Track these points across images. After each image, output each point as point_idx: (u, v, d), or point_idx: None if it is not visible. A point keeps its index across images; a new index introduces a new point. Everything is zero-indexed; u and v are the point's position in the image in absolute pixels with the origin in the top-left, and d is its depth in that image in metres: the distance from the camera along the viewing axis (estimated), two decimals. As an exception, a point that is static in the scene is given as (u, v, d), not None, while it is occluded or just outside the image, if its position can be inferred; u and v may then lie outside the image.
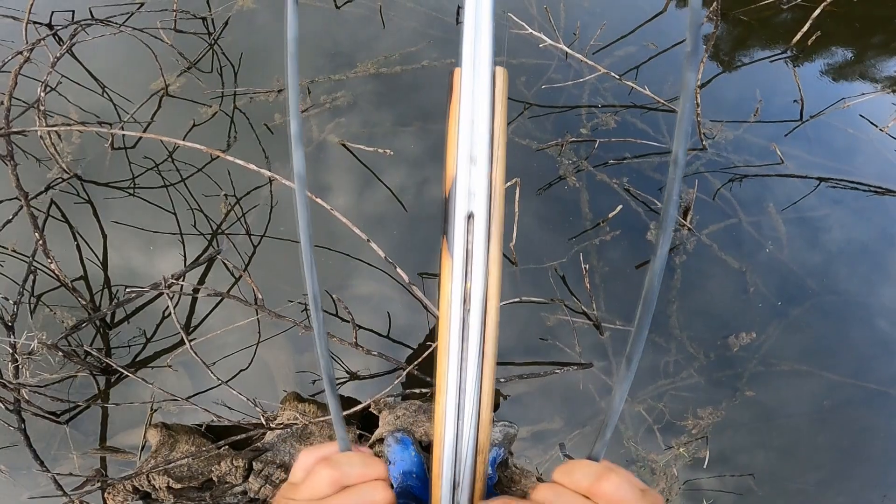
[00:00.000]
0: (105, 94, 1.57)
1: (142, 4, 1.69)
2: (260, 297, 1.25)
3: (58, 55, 1.40)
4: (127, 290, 1.31)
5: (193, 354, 1.11)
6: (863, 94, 1.59)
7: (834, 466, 1.27)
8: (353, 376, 1.29)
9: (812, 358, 1.34)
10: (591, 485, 0.32)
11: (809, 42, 1.65)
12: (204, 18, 1.67)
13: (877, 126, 1.57)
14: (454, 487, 0.32)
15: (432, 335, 1.33)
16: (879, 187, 1.53)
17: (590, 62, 1.47)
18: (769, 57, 1.70)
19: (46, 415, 1.12)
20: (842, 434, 1.29)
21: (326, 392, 0.35)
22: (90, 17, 1.60)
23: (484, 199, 0.30)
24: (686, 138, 0.30)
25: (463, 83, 0.30)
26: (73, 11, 1.62)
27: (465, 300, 0.30)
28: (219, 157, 1.24)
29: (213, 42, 1.64)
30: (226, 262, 1.33)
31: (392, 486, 1.05)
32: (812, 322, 1.37)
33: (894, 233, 1.50)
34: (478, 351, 0.31)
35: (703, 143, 1.49)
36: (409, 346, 1.32)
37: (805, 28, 1.60)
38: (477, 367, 0.31)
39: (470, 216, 0.30)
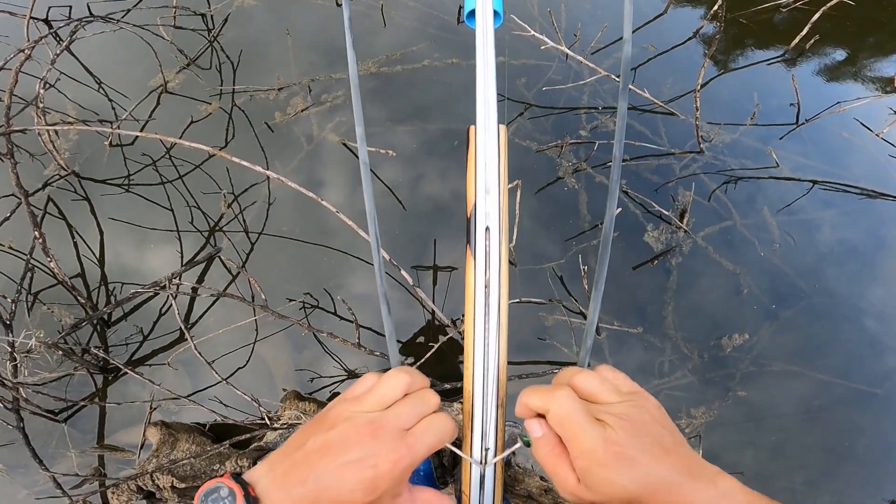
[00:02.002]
0: (102, 91, 1.55)
1: (140, 0, 1.68)
2: (263, 297, 1.25)
3: (57, 52, 1.39)
4: (125, 288, 1.30)
5: (197, 353, 1.11)
6: (858, 98, 1.60)
7: (821, 466, 1.29)
8: (351, 374, 1.29)
9: (802, 359, 1.36)
10: (569, 381, 0.40)
11: (808, 45, 1.66)
12: (203, 15, 1.66)
13: (872, 131, 1.59)
14: (483, 436, 0.43)
15: (430, 334, 1.33)
16: (872, 190, 1.54)
17: (590, 64, 1.47)
18: (767, 60, 1.71)
19: (45, 413, 1.12)
20: (830, 434, 1.31)
21: (383, 314, 0.50)
22: (89, 13, 1.58)
23: (496, 217, 0.44)
24: (622, 136, 0.46)
25: (478, 138, 0.46)
26: (70, 7, 1.61)
27: (487, 286, 0.43)
28: (217, 154, 1.24)
29: (212, 39, 1.63)
30: (224, 260, 1.33)
31: None
32: (803, 323, 1.39)
33: (885, 235, 1.51)
34: (496, 322, 0.43)
35: (701, 146, 1.50)
36: (407, 345, 1.33)
37: (804, 32, 1.61)
38: (496, 334, 0.43)
39: (487, 229, 0.44)
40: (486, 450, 0.43)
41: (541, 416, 0.40)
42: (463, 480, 0.43)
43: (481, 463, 0.43)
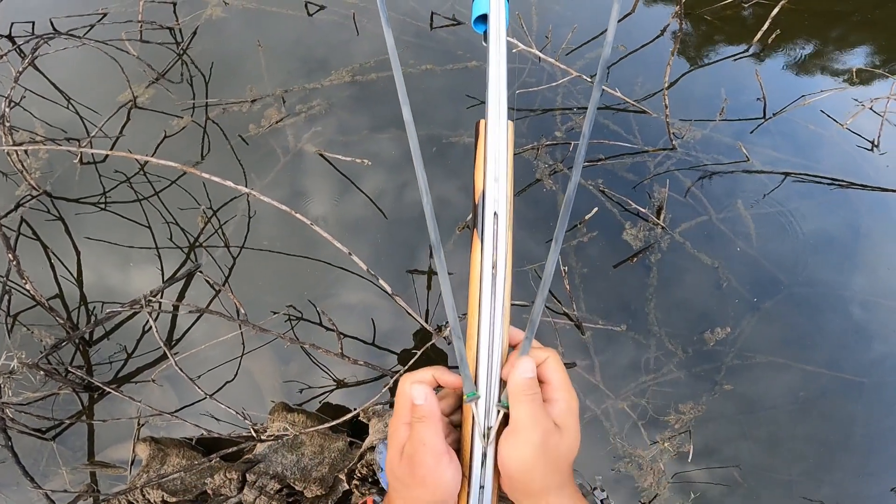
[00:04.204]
0: (71, 107, 1.63)
1: (104, 15, 1.76)
2: (243, 311, 1.33)
3: (20, 69, 1.46)
4: (105, 308, 1.38)
5: (178, 370, 1.19)
6: (821, 90, 1.76)
7: (816, 457, 1.38)
8: (340, 384, 1.38)
9: (786, 349, 1.46)
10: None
11: (770, 40, 1.82)
12: (171, 28, 1.75)
13: (837, 122, 1.74)
14: (486, 414, 0.47)
15: (417, 341, 1.43)
16: (842, 180, 1.68)
17: (562, 66, 1.60)
18: (733, 55, 1.87)
19: (32, 432, 1.19)
20: (822, 425, 1.40)
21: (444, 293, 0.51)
22: (52, 28, 1.66)
23: (504, 204, 0.51)
24: (591, 121, 0.52)
25: (489, 130, 0.52)
26: (33, 23, 1.69)
27: (494, 267, 0.49)
28: (188, 171, 1.32)
29: (181, 52, 1.72)
30: (207, 277, 1.41)
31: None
32: (784, 314, 1.50)
33: (859, 224, 1.64)
34: (501, 302, 0.49)
35: (673, 142, 1.64)
36: (394, 353, 1.42)
37: (765, 27, 1.78)
38: (502, 311, 0.49)
39: (495, 214, 0.50)
40: (489, 428, 0.47)
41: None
42: (463, 458, 0.49)
43: (484, 438, 0.47)
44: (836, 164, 1.71)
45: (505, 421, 0.47)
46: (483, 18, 0.56)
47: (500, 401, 0.47)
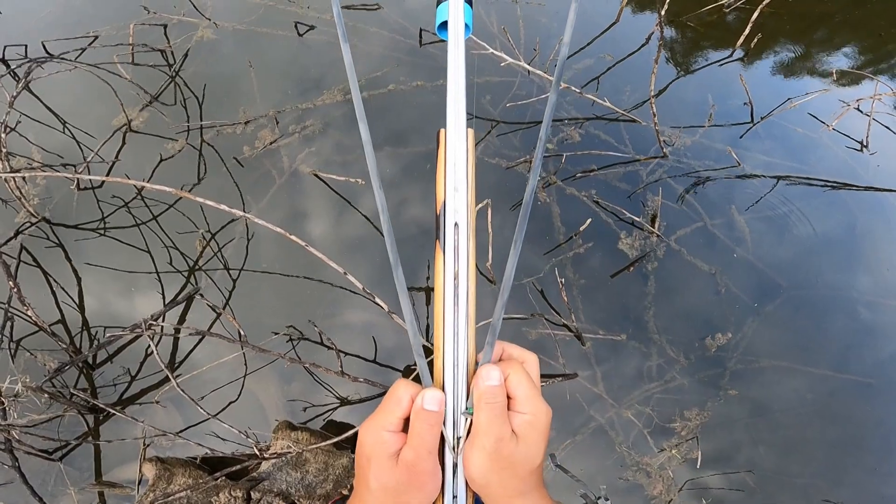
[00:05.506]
0: (67, 131, 1.72)
1: (95, 38, 1.86)
2: (243, 332, 1.41)
3: (14, 94, 1.55)
4: (106, 333, 1.46)
5: (180, 391, 1.26)
6: (806, 93, 1.87)
7: (830, 459, 1.42)
8: (343, 401, 1.46)
9: (790, 353, 1.52)
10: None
11: (752, 45, 1.93)
12: (162, 51, 1.85)
13: (824, 123, 1.85)
14: (454, 425, 0.49)
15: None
16: (835, 182, 1.77)
17: (550, 77, 1.71)
18: (718, 61, 1.98)
19: (39, 453, 1.27)
20: (831, 427, 1.45)
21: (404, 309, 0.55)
22: (44, 51, 1.76)
23: (464, 214, 0.52)
24: (547, 129, 0.55)
25: (448, 140, 0.54)
26: (26, 46, 1.78)
27: (456, 277, 0.51)
28: (184, 196, 1.40)
29: (174, 74, 1.82)
30: (206, 299, 1.49)
31: None
32: (786, 318, 1.56)
33: (854, 224, 1.71)
34: (465, 312, 0.51)
35: (664, 150, 1.74)
36: (396, 370, 1.49)
37: (746, 31, 1.89)
38: (465, 320, 0.51)
39: (456, 225, 0.52)
40: (458, 438, 0.49)
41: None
42: None
43: (453, 451, 0.48)
44: (828, 166, 1.80)
45: None
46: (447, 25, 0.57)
47: (466, 408, 0.49)
